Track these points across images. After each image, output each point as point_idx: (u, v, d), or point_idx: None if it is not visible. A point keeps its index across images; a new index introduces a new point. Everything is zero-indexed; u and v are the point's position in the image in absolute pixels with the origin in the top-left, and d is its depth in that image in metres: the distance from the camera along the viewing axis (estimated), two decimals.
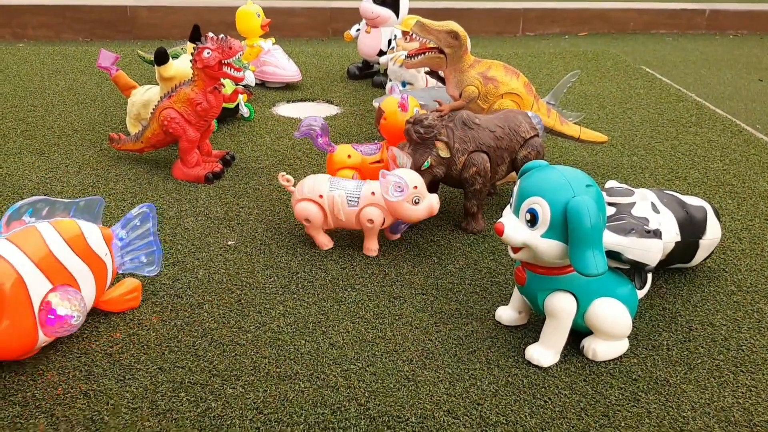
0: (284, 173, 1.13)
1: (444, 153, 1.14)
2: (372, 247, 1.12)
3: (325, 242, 1.13)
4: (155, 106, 1.36)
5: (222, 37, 1.30)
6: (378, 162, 1.24)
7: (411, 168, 1.13)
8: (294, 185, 1.12)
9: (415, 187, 1.05)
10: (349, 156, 1.24)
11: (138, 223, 0.97)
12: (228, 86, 1.53)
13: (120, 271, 0.96)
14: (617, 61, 2.40)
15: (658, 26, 3.23)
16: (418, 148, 1.15)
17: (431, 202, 1.07)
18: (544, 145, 1.23)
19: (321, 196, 1.08)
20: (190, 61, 1.33)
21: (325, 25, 2.89)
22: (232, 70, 1.31)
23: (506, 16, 3.11)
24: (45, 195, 1.28)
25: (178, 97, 1.32)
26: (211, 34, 1.32)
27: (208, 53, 1.29)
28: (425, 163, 1.14)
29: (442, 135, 1.15)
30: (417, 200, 1.06)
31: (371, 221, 1.08)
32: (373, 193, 1.08)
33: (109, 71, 1.47)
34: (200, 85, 1.31)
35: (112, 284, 0.95)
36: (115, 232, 0.95)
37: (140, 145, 1.39)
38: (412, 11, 1.97)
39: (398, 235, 1.16)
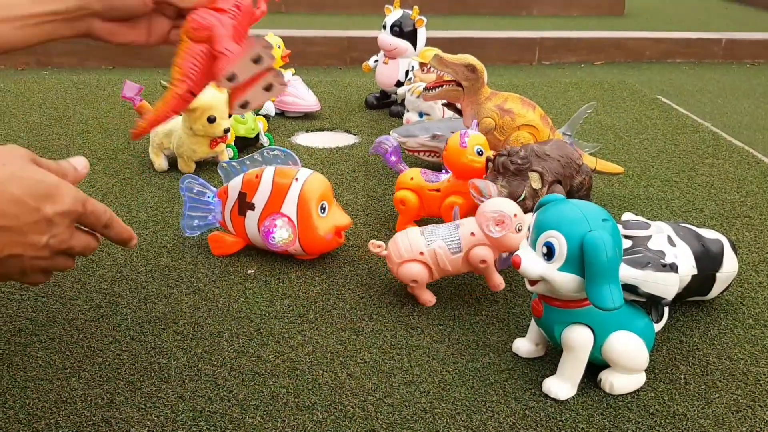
0: (374, 240, 1.06)
1: (536, 184, 1.12)
2: (497, 282, 1.06)
3: (430, 299, 1.08)
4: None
5: None
6: (436, 191, 1.24)
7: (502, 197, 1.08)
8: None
9: (515, 215, 1.00)
10: (411, 178, 1.25)
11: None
12: (248, 117, 1.56)
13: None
14: (633, 90, 2.41)
15: (674, 55, 3.25)
16: (512, 181, 1.13)
17: None
18: None
19: (422, 253, 1.03)
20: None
21: (343, 53, 2.94)
22: None
23: (522, 44, 3.14)
24: None
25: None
26: None
27: None
28: (521, 196, 1.11)
29: (536, 165, 1.13)
30: (520, 228, 1.01)
31: (484, 261, 1.02)
32: (472, 234, 1.02)
33: (133, 101, 1.51)
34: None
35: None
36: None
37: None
38: (429, 41, 2.00)
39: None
